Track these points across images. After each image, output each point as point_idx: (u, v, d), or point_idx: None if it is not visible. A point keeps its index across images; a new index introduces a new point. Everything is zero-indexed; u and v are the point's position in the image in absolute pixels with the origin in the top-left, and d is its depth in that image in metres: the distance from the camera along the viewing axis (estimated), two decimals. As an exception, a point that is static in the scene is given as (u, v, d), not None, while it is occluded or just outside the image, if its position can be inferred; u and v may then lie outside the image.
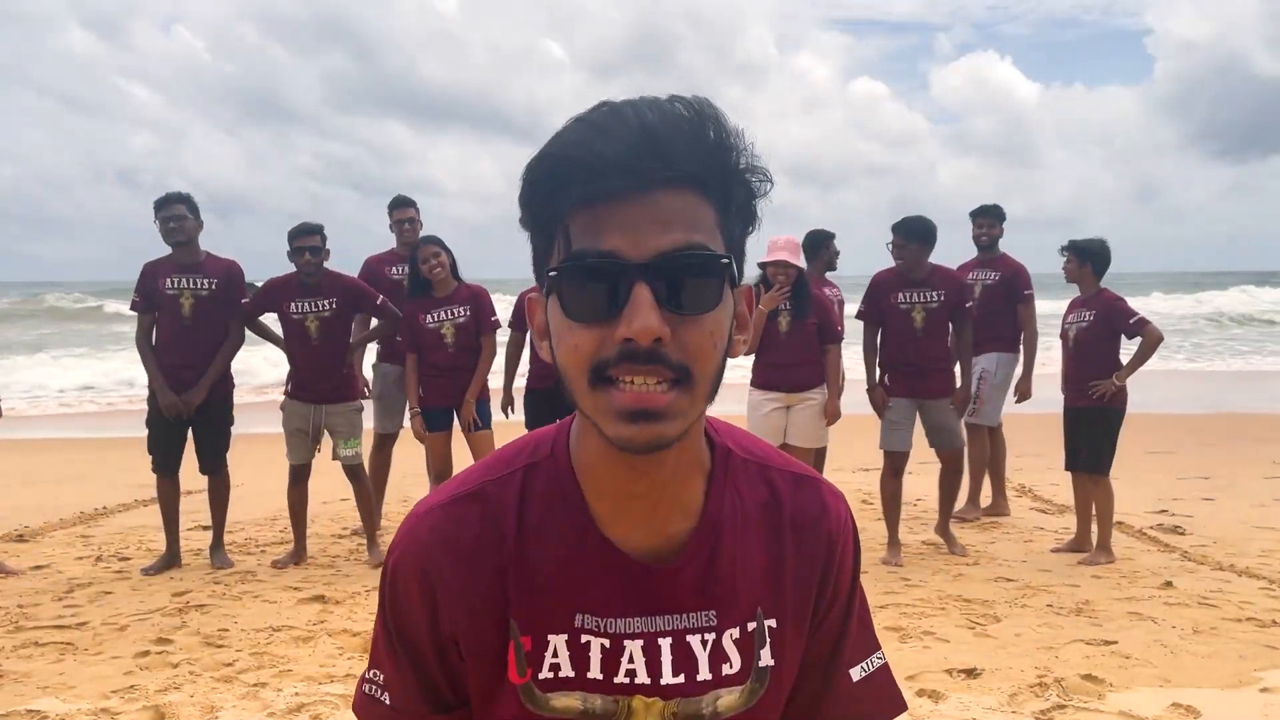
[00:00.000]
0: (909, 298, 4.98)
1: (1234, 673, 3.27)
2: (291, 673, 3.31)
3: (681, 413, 0.78)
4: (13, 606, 4.15)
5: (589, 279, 0.77)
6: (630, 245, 0.76)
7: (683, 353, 0.76)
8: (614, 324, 0.76)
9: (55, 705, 3.05)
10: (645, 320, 0.74)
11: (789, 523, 0.93)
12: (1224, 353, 19.14)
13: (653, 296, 0.75)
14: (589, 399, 0.78)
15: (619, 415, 0.77)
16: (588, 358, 0.77)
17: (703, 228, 0.79)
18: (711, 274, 0.78)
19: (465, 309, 5.01)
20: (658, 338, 0.75)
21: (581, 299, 0.77)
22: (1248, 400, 12.46)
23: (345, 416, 4.93)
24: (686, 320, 0.77)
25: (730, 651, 0.90)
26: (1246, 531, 5.42)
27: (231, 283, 4.86)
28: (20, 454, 9.10)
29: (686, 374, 0.77)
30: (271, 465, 6.56)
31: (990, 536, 5.38)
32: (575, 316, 0.78)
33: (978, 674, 3.26)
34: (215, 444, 4.89)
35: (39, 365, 16.30)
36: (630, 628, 0.88)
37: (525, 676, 0.88)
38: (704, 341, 0.78)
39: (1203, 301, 32.74)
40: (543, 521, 0.90)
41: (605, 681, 0.88)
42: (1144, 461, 7.44)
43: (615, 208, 0.76)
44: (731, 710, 0.89)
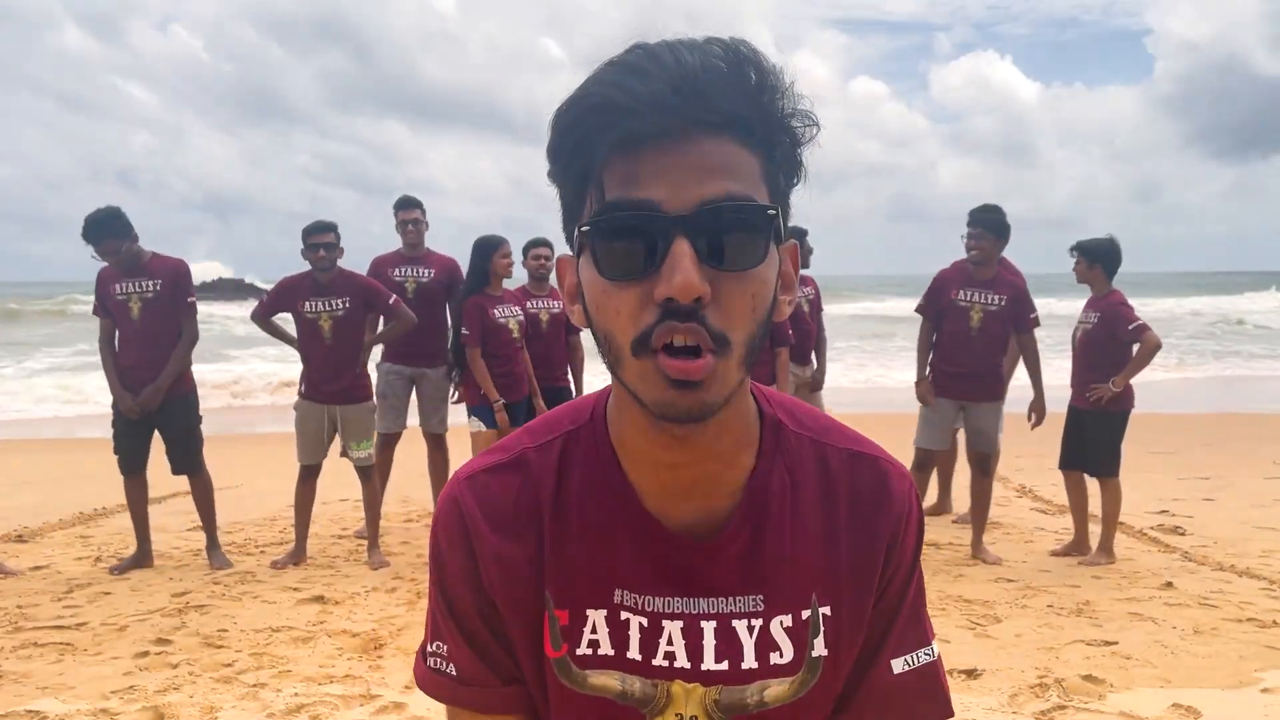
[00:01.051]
0: (969, 296, 4.91)
1: (1234, 673, 3.26)
2: (291, 673, 3.31)
3: (721, 379, 0.73)
4: (12, 607, 4.15)
5: (625, 234, 0.72)
6: (669, 195, 0.71)
7: (722, 318, 0.72)
8: (652, 282, 0.71)
9: (54, 706, 3.05)
10: (686, 276, 0.69)
11: (845, 503, 0.87)
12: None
13: (693, 251, 0.70)
14: (632, 366, 0.74)
15: (662, 382, 0.72)
16: (630, 325, 0.72)
17: (746, 177, 0.73)
18: (757, 227, 0.73)
19: (517, 306, 5.26)
20: (698, 296, 0.69)
21: (617, 256, 0.72)
22: (1248, 401, 12.45)
23: (358, 417, 4.93)
24: (728, 278, 0.72)
25: (780, 640, 0.84)
26: (1247, 532, 5.41)
27: (178, 282, 4.84)
28: (20, 454, 9.10)
29: (724, 342, 0.72)
30: (271, 465, 6.56)
31: (990, 537, 5.38)
32: (610, 275, 0.73)
33: (978, 674, 3.26)
34: (183, 444, 4.87)
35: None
36: (670, 607, 0.84)
37: (560, 651, 0.84)
38: (746, 303, 0.73)
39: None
40: (582, 492, 0.86)
41: (644, 663, 0.84)
42: (1145, 462, 7.43)
43: (652, 155, 0.71)
44: (780, 701, 0.84)
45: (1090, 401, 4.80)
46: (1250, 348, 20.25)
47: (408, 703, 3.04)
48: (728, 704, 0.84)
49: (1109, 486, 4.83)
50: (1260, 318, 28.21)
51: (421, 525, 5.82)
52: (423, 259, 5.62)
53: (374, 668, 3.36)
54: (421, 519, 5.96)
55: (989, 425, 4.97)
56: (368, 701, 3.06)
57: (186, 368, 4.86)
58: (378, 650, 3.55)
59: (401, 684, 3.20)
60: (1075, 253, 4.94)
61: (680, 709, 0.84)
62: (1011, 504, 6.34)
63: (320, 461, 4.96)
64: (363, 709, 3.01)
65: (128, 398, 4.71)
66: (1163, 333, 4.94)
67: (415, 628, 3.79)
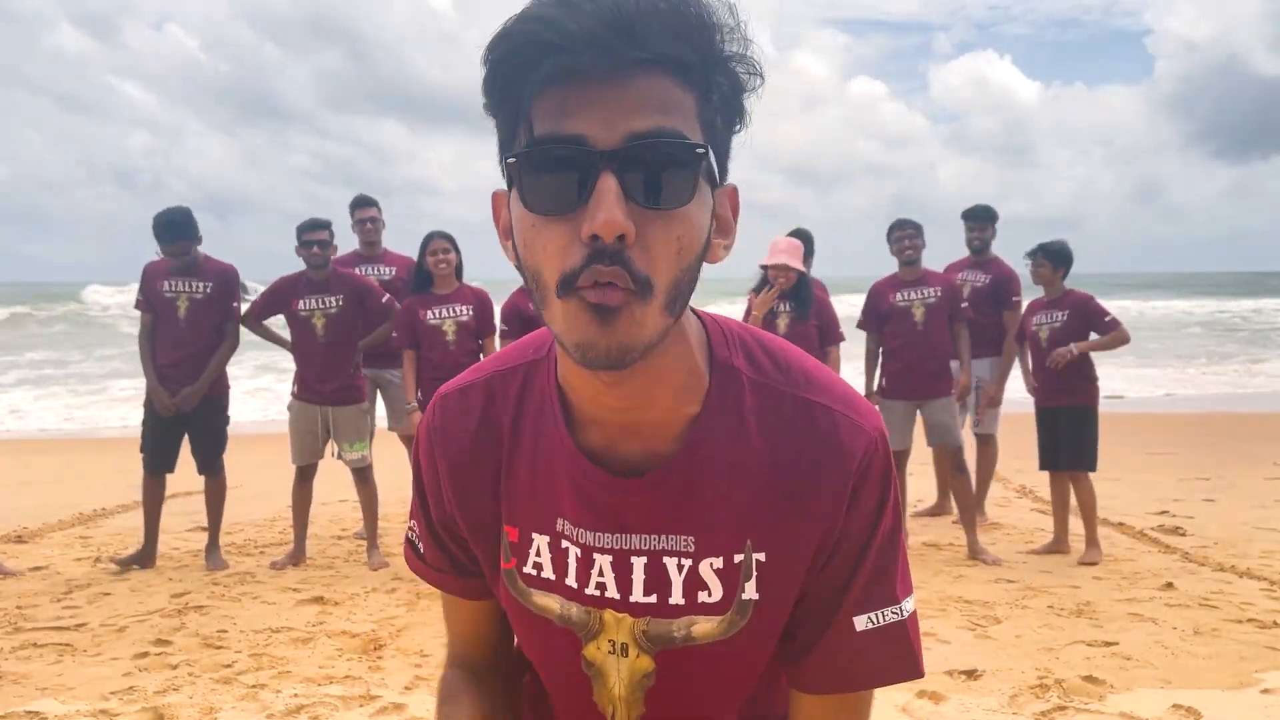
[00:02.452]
0: (907, 296, 5.11)
1: (1235, 674, 3.26)
2: (290, 674, 3.31)
3: (639, 321, 0.72)
4: (11, 607, 4.14)
5: (552, 167, 0.71)
6: (598, 129, 0.70)
7: (646, 260, 0.71)
8: (580, 217, 0.70)
9: (54, 706, 3.04)
10: (610, 213, 0.68)
11: (792, 451, 0.84)
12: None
13: (620, 188, 0.69)
14: (556, 307, 0.73)
15: (582, 318, 0.71)
16: (556, 263, 0.71)
17: (679, 114, 0.72)
18: (686, 164, 0.72)
19: (469, 308, 4.94)
20: (622, 234, 0.69)
21: (544, 190, 0.71)
22: (1248, 401, 12.45)
23: (351, 418, 4.92)
24: (654, 217, 0.71)
25: (710, 580, 0.85)
26: (1247, 532, 5.41)
27: (227, 286, 4.88)
28: (19, 454, 9.10)
29: (646, 285, 0.71)
30: (271, 466, 6.56)
31: (990, 538, 5.38)
32: (536, 209, 0.72)
33: (978, 675, 3.26)
34: (211, 445, 4.89)
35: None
36: (600, 541, 0.86)
37: (510, 563, 0.89)
38: (672, 245, 0.72)
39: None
40: (534, 421, 0.89)
41: (579, 590, 0.88)
42: (1144, 462, 7.43)
43: (582, 90, 0.70)
44: (708, 638, 0.86)
45: (1055, 368, 4.83)
46: (1250, 349, 20.25)
47: (408, 703, 3.04)
48: (655, 634, 0.87)
49: (1081, 481, 4.86)
50: (1260, 318, 28.21)
51: (421, 526, 5.81)
52: (381, 258, 5.61)
53: (374, 668, 3.36)
54: (421, 519, 5.94)
55: (946, 418, 5.08)
56: (367, 702, 3.05)
57: (224, 370, 4.88)
58: (377, 651, 3.55)
59: (401, 685, 3.20)
60: (1039, 256, 5.00)
61: (612, 636, 0.87)
62: (1011, 504, 6.34)
63: (315, 463, 4.95)
64: (362, 710, 3.00)
65: (164, 395, 4.71)
66: (1162, 333, 4.96)
67: (415, 628, 3.79)
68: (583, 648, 0.89)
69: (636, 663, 0.88)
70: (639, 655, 0.87)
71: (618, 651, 0.88)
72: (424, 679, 3.24)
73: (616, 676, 0.89)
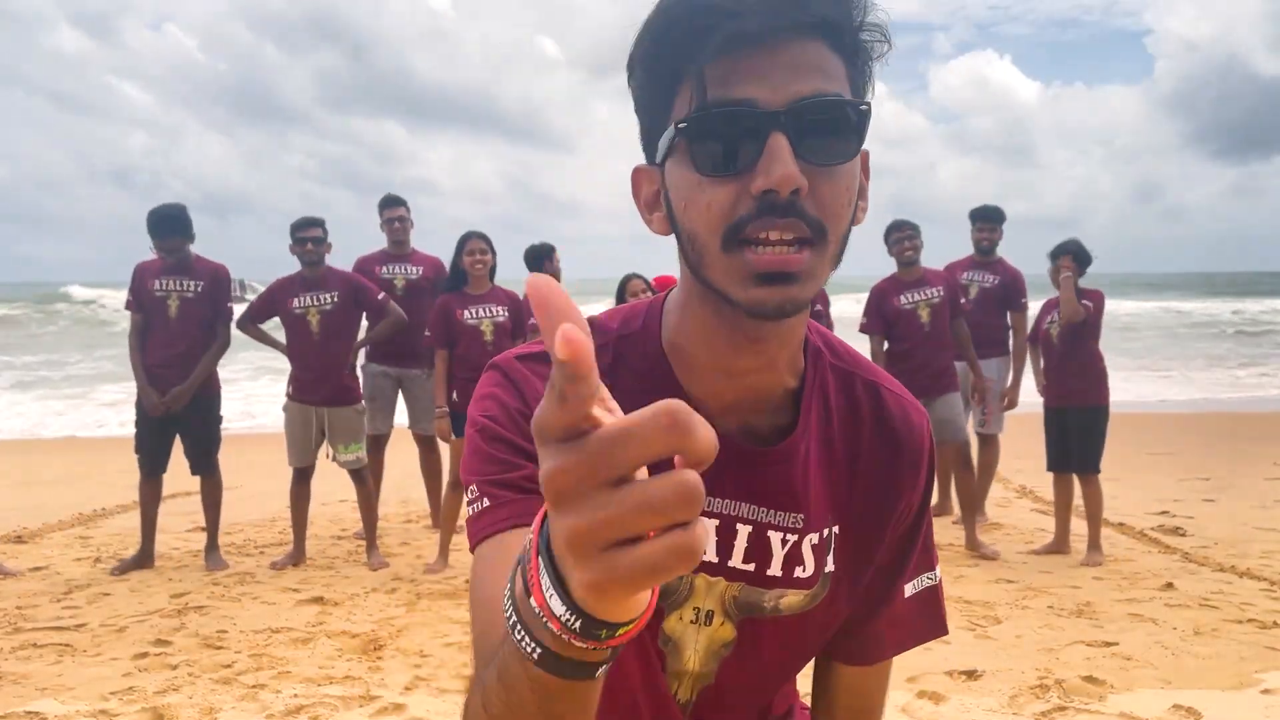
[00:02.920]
0: (912, 298, 5.12)
1: (1235, 674, 3.26)
2: (290, 674, 3.31)
3: (813, 274, 0.75)
4: (11, 608, 4.14)
5: (724, 129, 0.74)
6: (766, 93, 0.73)
7: (819, 208, 0.74)
8: (749, 177, 0.73)
9: (54, 707, 3.04)
10: (786, 168, 0.71)
11: (869, 432, 0.90)
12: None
13: (790, 145, 0.72)
14: (720, 262, 0.75)
15: (754, 278, 0.74)
16: (722, 216, 0.74)
17: (835, 78, 0.76)
18: (849, 123, 0.75)
19: (504, 309, 4.87)
20: (796, 189, 0.72)
21: (715, 151, 0.74)
22: (1248, 401, 12.45)
23: (346, 420, 4.92)
24: (823, 172, 0.74)
25: (807, 556, 0.88)
26: (1247, 533, 5.41)
27: (219, 285, 4.87)
28: (19, 454, 9.10)
29: (822, 232, 0.74)
30: (270, 466, 6.56)
31: (991, 538, 5.38)
32: (707, 170, 0.75)
33: (978, 675, 3.26)
34: (204, 445, 4.88)
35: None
36: (709, 506, 0.84)
37: None
38: (840, 197, 0.76)
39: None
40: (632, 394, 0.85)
41: None
42: (1145, 462, 7.43)
43: (748, 56, 0.73)
44: (793, 610, 0.88)
45: (1073, 320, 4.80)
46: (1250, 348, 20.25)
47: (407, 703, 3.04)
48: (745, 602, 0.87)
49: (1092, 483, 4.85)
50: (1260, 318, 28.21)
51: (420, 526, 5.81)
52: (409, 257, 5.62)
53: (373, 669, 3.36)
54: (420, 520, 5.95)
55: (952, 414, 5.09)
56: (367, 702, 3.05)
57: (214, 370, 4.87)
58: (377, 651, 3.55)
59: (401, 685, 3.20)
60: (1065, 257, 4.89)
61: (700, 603, 0.87)
62: (1012, 504, 6.34)
63: (312, 464, 4.94)
64: (362, 710, 3.00)
65: (153, 395, 4.70)
66: (1162, 333, 4.96)
67: (415, 628, 3.79)
68: (664, 620, 0.88)
69: (718, 631, 0.88)
70: (723, 623, 0.88)
71: (700, 620, 0.88)
72: (424, 679, 3.24)
73: (693, 649, 0.88)
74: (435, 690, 3.16)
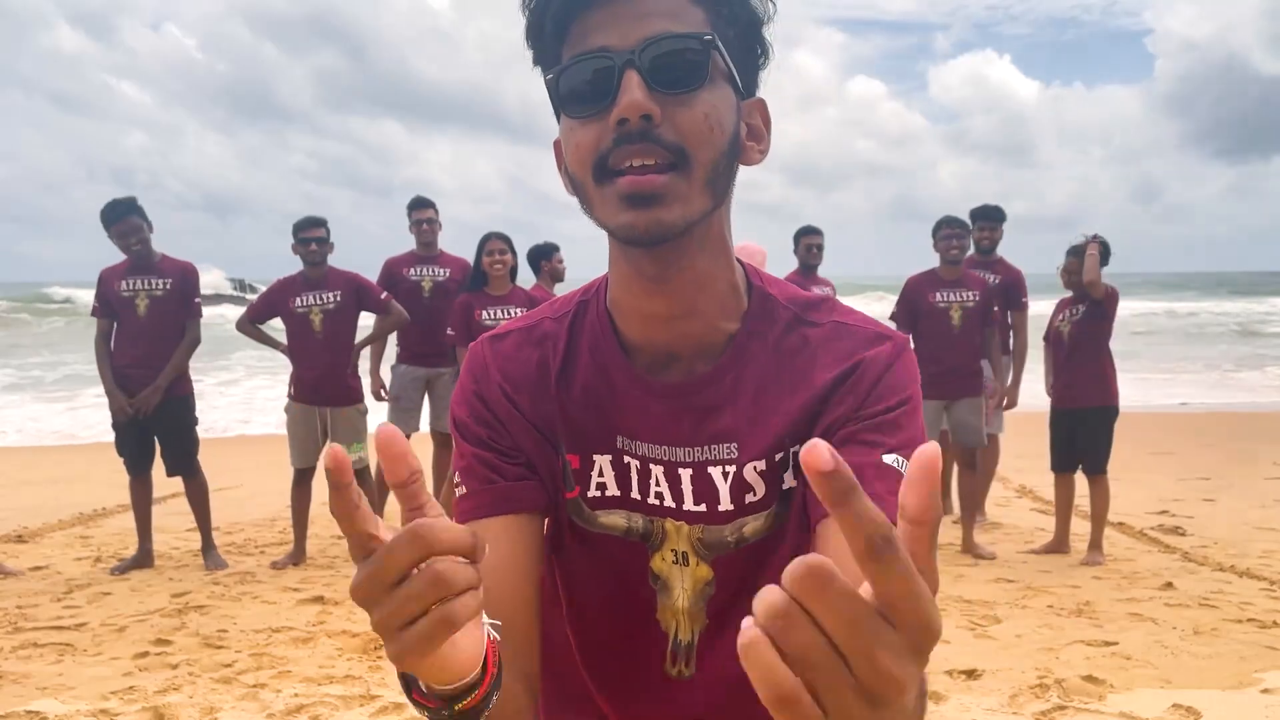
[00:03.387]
0: (946, 297, 5.08)
1: (1235, 674, 3.26)
2: (290, 674, 3.31)
3: (680, 197, 0.79)
4: (11, 607, 4.14)
5: (583, 75, 0.81)
6: (616, 40, 0.80)
7: (675, 132, 0.79)
8: (609, 114, 0.79)
9: (54, 706, 3.04)
10: (631, 96, 0.77)
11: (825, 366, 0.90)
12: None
13: (640, 79, 0.78)
14: (596, 196, 0.82)
15: (620, 202, 0.79)
16: (590, 153, 0.81)
17: (687, 22, 0.81)
18: (695, 53, 0.80)
19: (523, 311, 4.92)
20: (646, 114, 0.78)
21: (577, 96, 0.82)
22: (1248, 401, 12.45)
23: (349, 419, 4.92)
24: (675, 100, 0.79)
25: (754, 482, 0.90)
26: (1247, 532, 5.41)
27: (187, 283, 4.86)
28: (19, 454, 9.10)
29: (682, 154, 0.79)
30: (271, 466, 6.56)
31: (990, 537, 5.38)
32: (574, 114, 0.82)
33: (978, 675, 3.26)
34: (179, 446, 4.86)
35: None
36: (654, 453, 0.90)
37: (574, 492, 0.91)
38: (697, 122, 0.80)
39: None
40: (589, 350, 0.93)
41: (642, 501, 0.91)
42: (1144, 462, 7.43)
43: (601, 13, 0.81)
44: (757, 535, 0.90)
45: (1089, 293, 4.77)
46: (1250, 348, 20.25)
47: (407, 703, 3.03)
48: (710, 541, 0.91)
49: (1100, 483, 4.85)
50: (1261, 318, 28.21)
51: (421, 525, 5.81)
52: (437, 259, 5.63)
53: (374, 668, 3.36)
54: (421, 519, 5.95)
55: (974, 420, 5.09)
56: (368, 702, 3.06)
57: (186, 369, 4.86)
58: (378, 651, 3.55)
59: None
60: (1092, 240, 4.83)
61: (674, 545, 0.91)
62: (1011, 504, 6.34)
63: (314, 464, 4.95)
64: (362, 709, 3.00)
65: (120, 398, 4.69)
66: (1162, 333, 4.96)
67: (415, 628, 3.79)
68: (649, 559, 0.92)
69: (698, 571, 0.91)
70: (698, 564, 0.91)
71: (680, 561, 0.91)
72: (424, 679, 3.25)
73: (681, 588, 0.92)
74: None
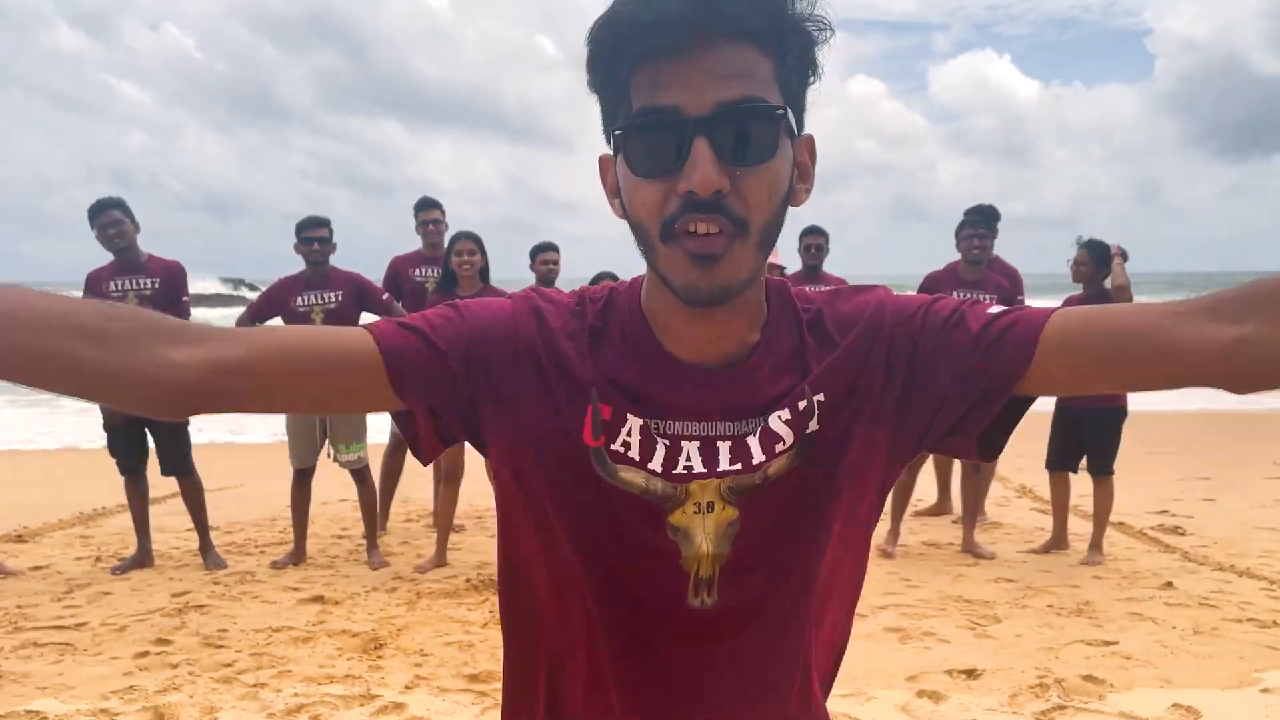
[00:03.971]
0: (963, 296, 5.02)
1: (1235, 673, 3.26)
2: (291, 673, 3.31)
3: (738, 260, 0.83)
4: (12, 607, 4.15)
5: (652, 135, 0.81)
6: (689, 100, 0.79)
7: (742, 205, 0.81)
8: (678, 177, 0.80)
9: (54, 706, 3.05)
10: (705, 173, 0.78)
11: (832, 327, 0.95)
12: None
13: (712, 150, 0.79)
14: (661, 252, 0.84)
15: (688, 262, 0.82)
16: (656, 213, 0.82)
17: (759, 80, 0.81)
18: (768, 125, 0.81)
19: None
20: (718, 190, 0.79)
21: (646, 155, 0.82)
22: (1248, 401, 12.45)
23: (348, 419, 4.92)
24: (745, 171, 0.81)
25: (781, 430, 0.92)
26: (1247, 532, 5.41)
27: (174, 281, 4.86)
28: (20, 454, 9.09)
29: (744, 225, 0.82)
30: (271, 466, 6.56)
31: (990, 537, 5.38)
32: (641, 173, 0.83)
33: (978, 675, 3.26)
34: (172, 446, 4.87)
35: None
36: (688, 430, 0.92)
37: (599, 441, 0.91)
38: (762, 192, 0.82)
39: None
40: (620, 330, 0.95)
41: (664, 473, 0.92)
42: (1144, 462, 7.42)
43: (674, 64, 0.80)
44: (781, 472, 0.92)
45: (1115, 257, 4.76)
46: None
47: (407, 703, 3.04)
48: (739, 487, 0.92)
49: (1105, 484, 4.84)
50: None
51: (421, 525, 5.82)
52: (443, 259, 5.64)
53: (374, 668, 3.36)
54: (421, 519, 5.96)
55: None
56: (368, 701, 3.06)
57: None
58: (377, 650, 3.55)
59: (402, 684, 3.20)
60: (1084, 254, 4.87)
61: (699, 499, 0.92)
62: (1011, 504, 6.34)
63: (313, 464, 4.94)
64: (362, 709, 3.00)
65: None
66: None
67: (415, 628, 3.79)
68: (668, 516, 0.93)
69: (722, 514, 0.93)
70: (724, 508, 0.93)
71: (704, 510, 0.93)
72: (424, 678, 3.25)
73: (703, 533, 0.93)
74: (435, 689, 3.16)
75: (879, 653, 3.51)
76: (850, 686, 3.15)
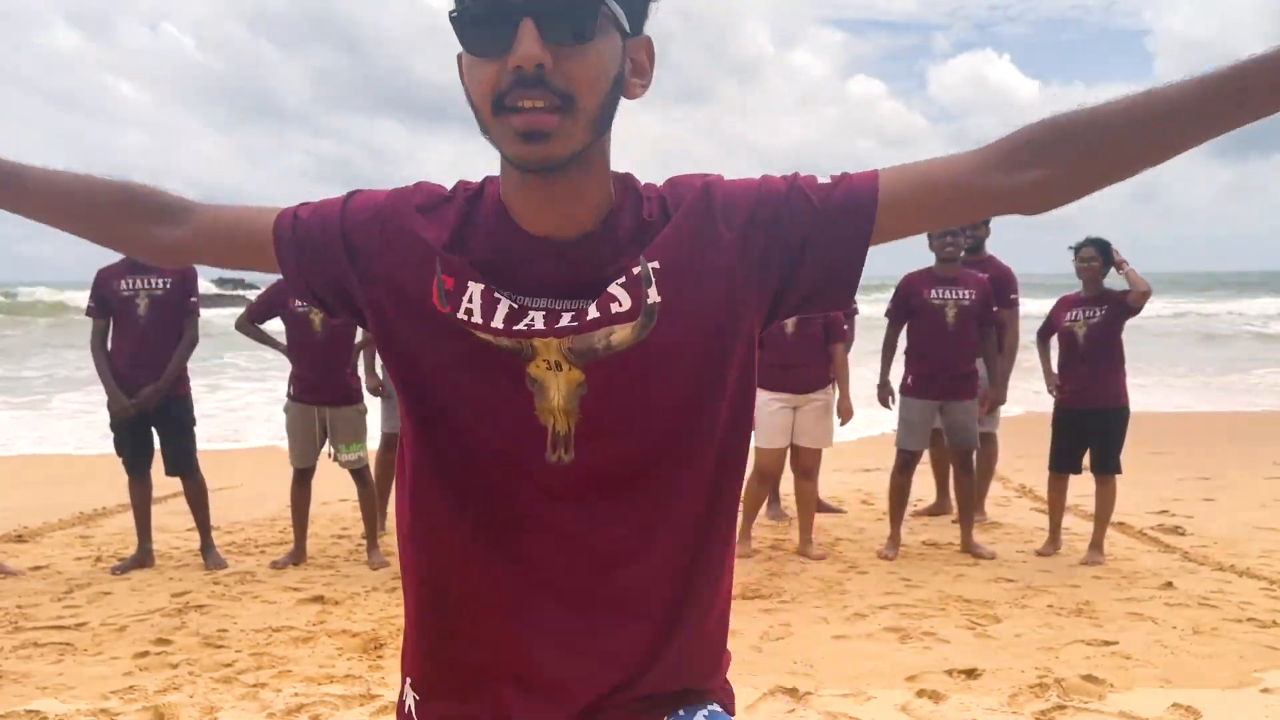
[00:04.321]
0: (942, 295, 5.02)
1: (1234, 673, 3.27)
2: (291, 673, 3.31)
3: (568, 134, 0.91)
4: (12, 607, 4.15)
5: (484, 18, 0.90)
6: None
7: (565, 81, 0.89)
8: (508, 56, 0.89)
9: (54, 706, 3.05)
10: (528, 48, 0.87)
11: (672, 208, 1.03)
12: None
13: (536, 29, 0.87)
14: (493, 125, 0.92)
15: (515, 137, 0.90)
16: (489, 89, 0.91)
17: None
18: (590, 10, 0.90)
19: None
20: (540, 64, 0.88)
21: (479, 37, 0.92)
22: (1248, 401, 12.46)
23: (348, 419, 4.91)
24: (568, 50, 0.89)
25: (618, 293, 0.99)
26: (1247, 532, 5.42)
27: (185, 282, 4.86)
28: (19, 454, 9.09)
29: (570, 100, 0.90)
30: (271, 466, 6.56)
31: (990, 537, 5.38)
32: (475, 52, 0.93)
33: (978, 674, 3.26)
34: (178, 445, 4.86)
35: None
36: (536, 304, 1.00)
37: (447, 310, 1.00)
38: (585, 71, 0.90)
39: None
40: (482, 216, 1.04)
41: (505, 330, 0.99)
42: (1144, 462, 7.42)
43: None
44: (624, 344, 0.99)
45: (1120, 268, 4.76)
46: (1249, 348, 20.26)
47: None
48: (579, 349, 0.99)
49: (1109, 484, 4.84)
50: (1259, 318, 28.22)
51: (421, 525, 5.81)
52: None
53: (374, 668, 3.37)
54: (421, 519, 5.95)
55: (968, 421, 5.05)
56: (368, 701, 3.06)
57: (185, 370, 4.86)
58: (378, 650, 3.55)
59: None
60: (1091, 250, 4.85)
61: (547, 356, 1.00)
62: (1011, 504, 6.34)
63: (313, 464, 4.95)
64: (362, 709, 3.01)
65: (121, 398, 4.69)
66: (1161, 333, 4.97)
67: (415, 628, 3.79)
68: (525, 367, 1.02)
69: (570, 375, 1.01)
70: (570, 369, 1.01)
71: (553, 368, 1.01)
72: (424, 678, 3.25)
73: (556, 388, 1.01)
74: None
75: (879, 652, 3.51)
76: (850, 686, 3.15)
